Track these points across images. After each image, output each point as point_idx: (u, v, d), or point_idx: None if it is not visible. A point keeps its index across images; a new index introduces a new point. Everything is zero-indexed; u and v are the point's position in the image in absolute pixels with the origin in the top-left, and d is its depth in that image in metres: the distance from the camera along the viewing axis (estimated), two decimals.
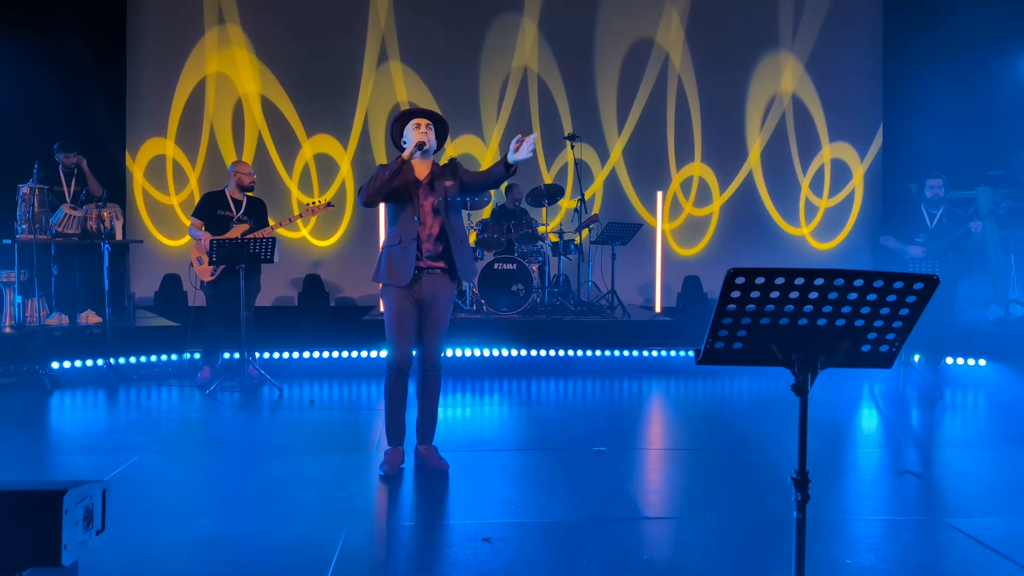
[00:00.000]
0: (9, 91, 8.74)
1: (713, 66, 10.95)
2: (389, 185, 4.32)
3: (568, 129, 10.53)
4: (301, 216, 7.17)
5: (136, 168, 10.27)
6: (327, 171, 10.62)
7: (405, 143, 4.49)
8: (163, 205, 10.38)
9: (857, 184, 11.15)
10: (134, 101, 10.23)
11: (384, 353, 7.13)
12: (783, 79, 11.01)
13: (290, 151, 10.57)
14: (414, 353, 4.62)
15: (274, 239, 6.60)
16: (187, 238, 10.18)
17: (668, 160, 10.98)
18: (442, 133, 4.61)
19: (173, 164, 10.39)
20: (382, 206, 4.69)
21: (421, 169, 4.47)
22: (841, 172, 11.15)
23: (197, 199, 10.09)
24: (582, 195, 8.93)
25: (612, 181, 10.93)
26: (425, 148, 4.39)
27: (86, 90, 9.40)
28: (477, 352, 7.88)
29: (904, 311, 2.11)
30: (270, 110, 10.50)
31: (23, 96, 8.79)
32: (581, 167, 9.79)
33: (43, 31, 9.08)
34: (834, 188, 11.16)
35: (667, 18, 10.85)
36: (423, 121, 4.47)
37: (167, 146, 10.36)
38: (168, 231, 10.37)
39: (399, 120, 4.56)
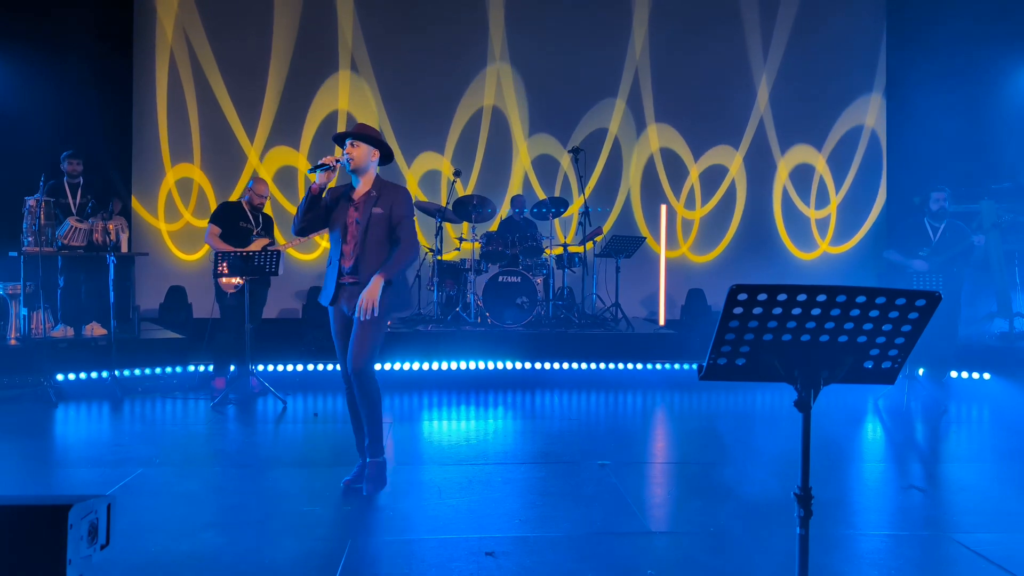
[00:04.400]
0: (18, 108, 8.79)
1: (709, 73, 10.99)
2: (308, 213, 4.26)
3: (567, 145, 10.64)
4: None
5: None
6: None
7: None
8: (175, 229, 10.39)
9: (838, 198, 11.16)
10: (138, 123, 10.29)
11: (399, 366, 7.18)
12: (764, 75, 11.04)
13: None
14: None
15: (279, 252, 6.62)
16: (200, 253, 10.19)
17: (662, 182, 11.01)
18: (381, 146, 4.39)
19: (176, 186, 10.41)
20: None
21: (358, 190, 4.36)
22: (839, 182, 11.18)
23: (213, 204, 10.16)
24: (587, 205, 8.97)
25: (624, 199, 10.96)
26: (334, 166, 4.21)
27: (92, 106, 9.43)
28: (481, 365, 7.88)
29: (906, 327, 2.12)
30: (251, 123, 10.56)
31: (31, 112, 8.84)
32: (584, 178, 9.78)
33: (52, 52, 9.13)
34: (829, 198, 11.19)
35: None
36: (348, 141, 4.35)
37: (168, 179, 10.36)
38: (185, 247, 10.37)
39: (335, 141, 4.48)
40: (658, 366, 8.14)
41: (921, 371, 7.43)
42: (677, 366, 8.12)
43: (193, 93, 10.37)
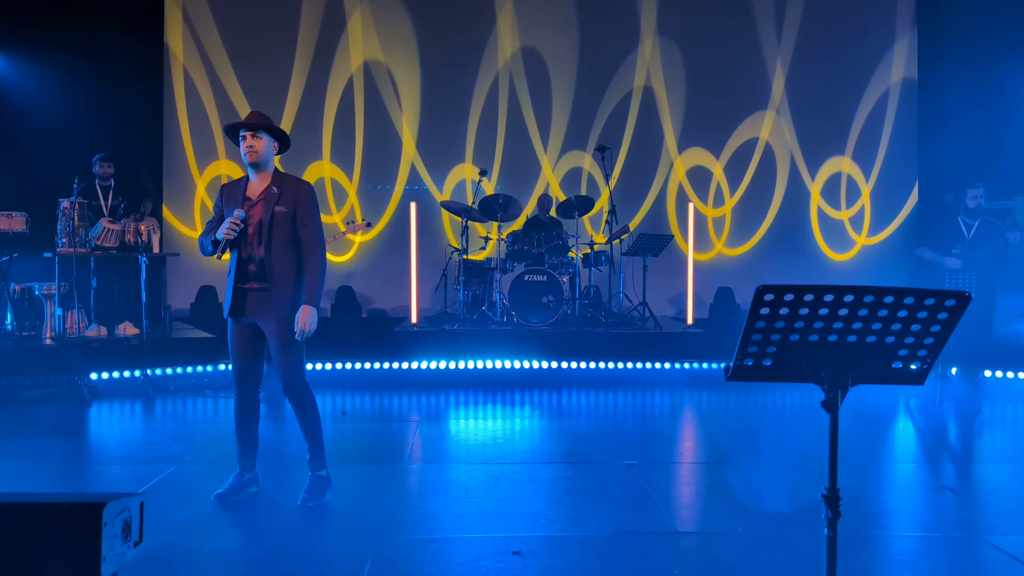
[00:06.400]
0: (53, 112, 8.93)
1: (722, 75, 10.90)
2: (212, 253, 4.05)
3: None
4: (345, 233, 7.35)
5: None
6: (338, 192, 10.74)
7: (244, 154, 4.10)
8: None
9: (866, 200, 11.02)
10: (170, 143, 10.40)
11: (425, 365, 7.21)
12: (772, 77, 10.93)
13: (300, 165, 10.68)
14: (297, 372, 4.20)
15: None
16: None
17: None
18: (281, 136, 4.16)
19: (208, 193, 10.50)
20: None
21: (256, 186, 4.11)
22: (856, 188, 11.04)
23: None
24: (613, 203, 8.95)
25: (660, 196, 10.92)
26: (255, 162, 4.04)
27: (125, 111, 9.57)
28: (507, 364, 7.90)
29: (935, 328, 2.10)
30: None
31: (66, 116, 8.97)
32: (608, 170, 9.71)
33: (87, 58, 9.26)
34: (855, 200, 11.06)
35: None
36: (248, 133, 4.06)
37: (199, 190, 10.44)
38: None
39: (228, 132, 4.18)
40: (686, 365, 8.10)
41: (954, 370, 7.34)
42: (705, 365, 8.07)
43: (213, 101, 10.44)
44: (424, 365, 7.86)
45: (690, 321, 9.65)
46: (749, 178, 10.97)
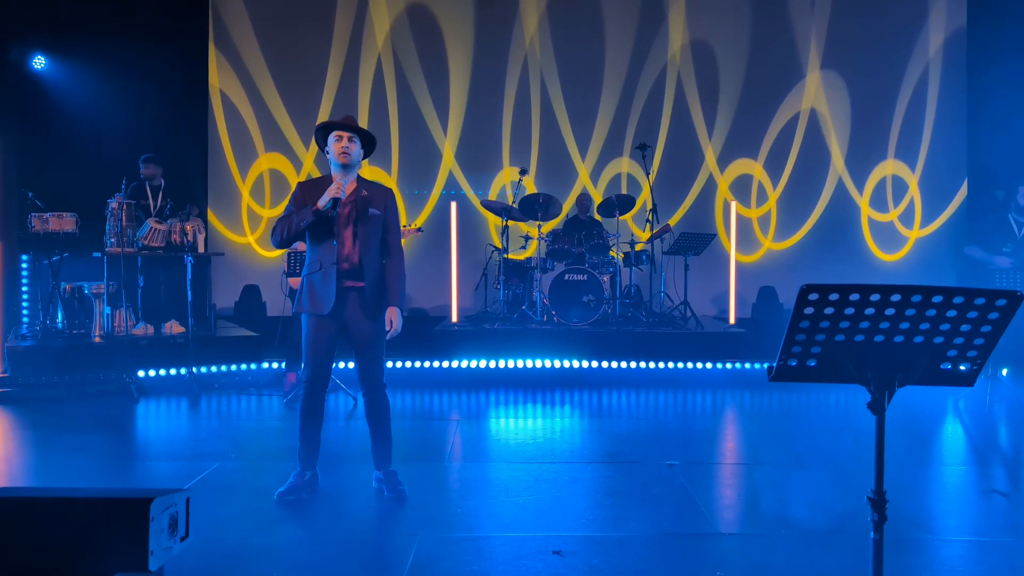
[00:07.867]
0: (102, 116, 9.10)
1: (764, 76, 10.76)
2: (303, 232, 4.10)
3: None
4: None
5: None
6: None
7: (327, 152, 4.16)
8: (259, 236, 10.60)
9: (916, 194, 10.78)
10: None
11: (466, 364, 7.24)
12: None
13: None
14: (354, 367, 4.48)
15: None
16: (276, 252, 10.34)
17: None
18: (368, 144, 4.26)
19: (252, 196, 10.61)
20: None
21: (347, 186, 4.14)
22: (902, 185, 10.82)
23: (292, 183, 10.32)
24: (655, 202, 8.90)
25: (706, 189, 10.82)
26: (347, 164, 4.09)
27: (172, 111, 9.74)
28: (547, 363, 7.89)
29: (986, 328, 2.05)
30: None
31: (115, 119, 9.14)
32: (648, 168, 9.63)
33: (137, 58, 9.42)
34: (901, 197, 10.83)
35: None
36: (344, 134, 4.10)
37: (244, 194, 10.56)
38: (266, 244, 10.49)
39: (321, 130, 4.19)
40: (728, 365, 8.02)
41: (1005, 371, 7.17)
42: (748, 365, 7.99)
43: (250, 108, 10.54)
44: (464, 364, 7.88)
45: (732, 321, 9.55)
46: (792, 162, 10.73)
